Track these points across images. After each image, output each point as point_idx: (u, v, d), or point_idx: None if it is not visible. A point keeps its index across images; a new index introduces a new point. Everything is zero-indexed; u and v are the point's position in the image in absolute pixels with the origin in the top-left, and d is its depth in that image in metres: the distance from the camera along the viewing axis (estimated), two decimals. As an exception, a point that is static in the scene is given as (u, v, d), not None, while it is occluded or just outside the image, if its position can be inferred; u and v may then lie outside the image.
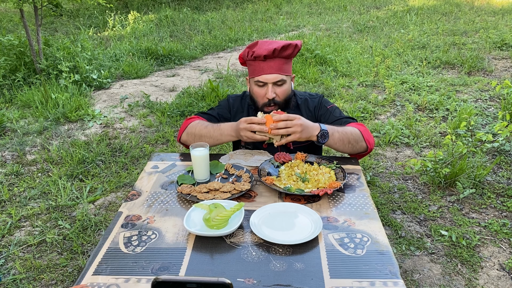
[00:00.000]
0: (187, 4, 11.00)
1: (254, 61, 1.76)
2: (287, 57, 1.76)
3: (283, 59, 1.75)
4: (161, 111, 4.26)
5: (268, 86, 1.76)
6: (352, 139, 1.70)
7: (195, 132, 1.80)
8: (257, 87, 1.79)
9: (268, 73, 1.74)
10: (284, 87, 1.79)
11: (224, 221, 1.31)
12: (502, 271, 2.20)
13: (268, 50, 1.69)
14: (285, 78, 1.77)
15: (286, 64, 1.77)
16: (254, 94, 1.83)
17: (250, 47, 1.78)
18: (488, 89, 4.76)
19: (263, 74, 1.75)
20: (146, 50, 6.36)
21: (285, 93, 1.80)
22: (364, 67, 5.61)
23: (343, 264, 1.18)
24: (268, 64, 1.73)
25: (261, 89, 1.78)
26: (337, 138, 1.67)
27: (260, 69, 1.75)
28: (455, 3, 9.96)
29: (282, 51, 1.71)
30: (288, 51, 1.73)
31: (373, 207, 1.46)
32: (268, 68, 1.74)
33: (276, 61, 1.74)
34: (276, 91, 1.77)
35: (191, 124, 1.84)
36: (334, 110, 1.90)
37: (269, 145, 1.93)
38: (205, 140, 1.76)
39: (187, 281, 0.80)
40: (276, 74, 1.74)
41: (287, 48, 1.72)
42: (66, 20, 9.61)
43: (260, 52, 1.71)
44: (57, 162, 3.38)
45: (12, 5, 4.70)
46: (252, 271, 1.15)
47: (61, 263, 2.32)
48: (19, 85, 4.85)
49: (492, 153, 3.38)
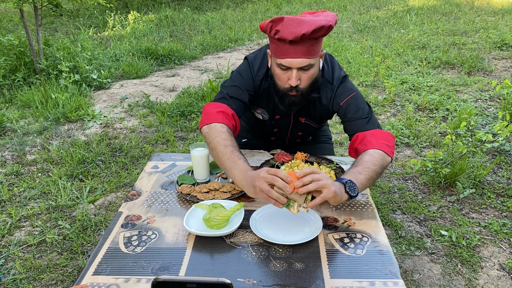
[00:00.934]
0: (187, 4, 11.00)
1: (278, 41, 1.45)
2: (318, 37, 1.44)
3: (313, 40, 1.43)
4: (161, 111, 4.26)
5: (293, 71, 1.48)
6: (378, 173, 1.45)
7: (210, 143, 1.52)
8: (279, 69, 1.52)
9: (293, 57, 1.44)
10: (311, 71, 1.51)
11: (224, 221, 1.31)
12: (502, 271, 2.20)
13: (295, 34, 1.38)
14: (313, 62, 1.48)
15: (316, 45, 1.46)
16: (275, 75, 1.57)
17: (274, 22, 1.44)
18: (488, 89, 4.76)
19: (288, 58, 1.45)
20: (146, 50, 6.35)
21: (311, 78, 1.53)
22: (364, 67, 5.61)
23: (343, 264, 1.18)
24: (295, 48, 1.43)
25: (283, 73, 1.51)
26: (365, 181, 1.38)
27: (284, 51, 1.45)
28: (455, 3, 9.96)
29: (312, 34, 1.40)
30: (320, 33, 1.42)
31: (373, 207, 1.46)
32: (294, 52, 1.44)
33: (304, 44, 1.42)
34: (301, 76, 1.50)
35: (215, 129, 1.53)
36: (348, 108, 1.62)
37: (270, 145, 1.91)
38: (213, 156, 1.51)
39: (187, 281, 0.80)
40: (303, 58, 1.45)
41: (319, 30, 1.40)
42: (66, 20, 9.60)
43: (285, 36, 1.40)
44: (57, 162, 3.38)
45: (12, 5, 4.70)
46: (252, 271, 1.15)
47: (61, 263, 2.32)
48: (19, 85, 4.85)
49: (492, 153, 3.38)
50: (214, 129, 1.53)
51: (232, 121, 1.60)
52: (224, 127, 1.53)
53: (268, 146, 2.11)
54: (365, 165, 1.42)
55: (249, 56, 1.70)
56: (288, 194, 1.24)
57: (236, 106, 1.63)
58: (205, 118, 1.58)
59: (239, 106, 1.64)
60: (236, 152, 1.45)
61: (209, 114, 1.58)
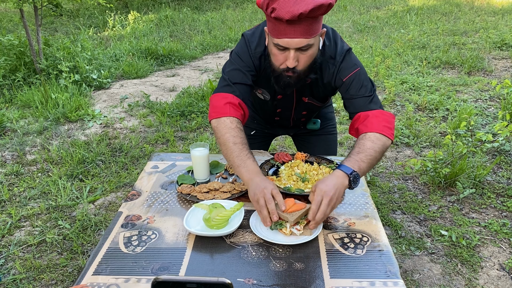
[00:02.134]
0: (187, 4, 11.00)
1: (275, 20, 1.35)
2: (317, 16, 1.35)
3: (312, 18, 1.34)
4: (161, 111, 4.26)
5: (290, 52, 1.39)
6: (379, 159, 1.46)
7: (220, 138, 1.50)
8: (276, 49, 1.42)
9: (291, 37, 1.35)
10: (310, 52, 1.42)
11: (224, 221, 1.31)
12: (502, 271, 2.20)
13: (292, 14, 1.29)
14: (312, 41, 1.38)
15: (315, 24, 1.36)
16: (272, 55, 1.47)
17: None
18: (488, 89, 4.76)
19: (285, 38, 1.36)
20: (146, 50, 6.36)
21: (309, 59, 1.45)
22: (364, 67, 5.60)
23: (343, 264, 1.18)
24: (292, 27, 1.34)
25: (280, 53, 1.42)
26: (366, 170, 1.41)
27: (281, 31, 1.36)
28: (455, 3, 9.96)
29: (311, 13, 1.30)
30: (320, 12, 1.33)
31: (373, 207, 1.46)
32: (292, 32, 1.34)
33: (303, 24, 1.33)
34: (299, 57, 1.42)
35: (224, 124, 1.50)
36: (351, 84, 1.55)
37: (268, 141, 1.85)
38: (222, 151, 1.50)
39: (187, 281, 0.80)
40: (301, 38, 1.35)
41: (319, 9, 1.31)
42: (66, 20, 9.60)
43: (281, 15, 1.30)
44: (57, 162, 3.38)
45: (12, 5, 4.70)
46: (252, 271, 1.15)
47: (61, 263, 2.32)
48: (19, 85, 4.85)
49: (492, 153, 3.38)
50: (224, 124, 1.49)
51: (240, 111, 1.55)
52: (233, 122, 1.50)
53: (274, 129, 2.07)
54: (367, 153, 1.40)
55: (246, 33, 1.62)
56: (281, 214, 1.27)
57: (241, 92, 1.57)
58: (214, 112, 1.54)
59: (244, 92, 1.58)
60: (245, 151, 1.44)
61: (217, 108, 1.54)
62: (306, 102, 1.75)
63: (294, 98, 1.73)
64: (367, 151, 1.41)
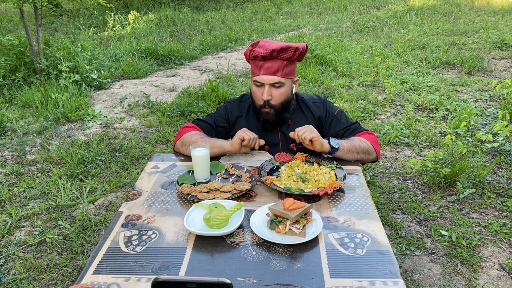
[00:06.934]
0: (187, 4, 11.00)
1: (254, 60, 1.74)
2: (287, 59, 1.71)
3: (283, 61, 1.71)
4: (161, 111, 4.26)
5: (265, 87, 1.73)
6: (360, 151, 1.76)
7: (189, 142, 1.79)
8: (255, 86, 1.78)
9: (265, 74, 1.71)
10: (282, 90, 1.75)
11: (224, 221, 1.31)
12: (502, 271, 2.21)
13: (266, 51, 1.66)
14: (283, 80, 1.73)
15: (287, 67, 1.73)
16: (252, 93, 1.82)
17: (252, 46, 1.77)
18: (488, 89, 4.76)
19: (261, 75, 1.72)
20: (146, 50, 6.36)
21: (282, 96, 1.76)
22: (364, 67, 5.61)
23: (343, 263, 1.18)
24: (266, 65, 1.70)
25: (258, 89, 1.76)
26: (346, 149, 1.73)
27: (258, 69, 1.73)
28: (455, 3, 9.96)
29: (280, 53, 1.67)
30: (288, 54, 1.69)
31: (373, 207, 1.46)
32: (266, 69, 1.71)
33: (275, 63, 1.70)
34: (273, 93, 1.74)
35: (186, 134, 1.83)
36: (341, 116, 1.90)
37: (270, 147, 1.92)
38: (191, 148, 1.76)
39: (187, 281, 0.80)
40: (273, 76, 1.71)
41: (286, 50, 1.68)
42: (66, 20, 9.60)
43: (258, 52, 1.69)
44: (57, 162, 3.38)
45: (12, 5, 4.71)
46: (252, 271, 1.15)
47: (61, 263, 2.32)
48: (19, 85, 4.85)
49: (492, 153, 3.38)
50: (186, 136, 1.83)
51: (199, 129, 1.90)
52: (193, 131, 1.86)
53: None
54: (351, 140, 1.78)
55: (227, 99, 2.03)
56: (282, 212, 1.30)
57: (203, 125, 1.92)
58: (176, 138, 1.90)
59: (205, 126, 1.92)
60: (213, 138, 1.83)
61: (178, 133, 1.90)
62: (295, 150, 1.91)
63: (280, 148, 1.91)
64: (352, 140, 1.78)
